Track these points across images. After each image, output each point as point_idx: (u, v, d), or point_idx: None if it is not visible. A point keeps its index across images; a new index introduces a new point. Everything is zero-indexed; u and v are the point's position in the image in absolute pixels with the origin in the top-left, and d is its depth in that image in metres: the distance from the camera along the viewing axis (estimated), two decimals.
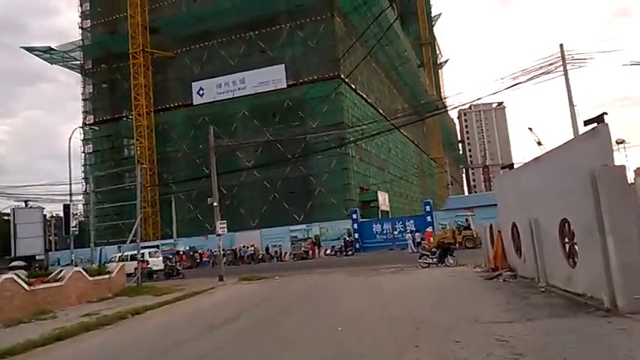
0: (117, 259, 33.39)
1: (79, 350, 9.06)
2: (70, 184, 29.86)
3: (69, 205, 29.74)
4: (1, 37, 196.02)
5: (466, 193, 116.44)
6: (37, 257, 49.70)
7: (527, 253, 12.49)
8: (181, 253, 40.80)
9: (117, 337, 10.16)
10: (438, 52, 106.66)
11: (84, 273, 16.32)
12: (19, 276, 13.62)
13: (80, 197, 53.71)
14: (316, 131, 47.44)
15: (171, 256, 40.84)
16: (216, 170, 50.08)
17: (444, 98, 69.35)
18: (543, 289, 10.96)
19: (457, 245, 29.72)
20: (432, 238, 34.73)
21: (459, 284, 13.56)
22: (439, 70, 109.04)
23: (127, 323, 11.78)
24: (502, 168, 14.70)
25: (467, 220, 33.76)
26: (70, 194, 30.19)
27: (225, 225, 21.92)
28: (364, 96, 53.14)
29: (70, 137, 33.42)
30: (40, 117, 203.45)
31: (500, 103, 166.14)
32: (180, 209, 49.72)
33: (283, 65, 48.89)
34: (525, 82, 17.78)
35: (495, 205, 37.25)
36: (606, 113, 8.44)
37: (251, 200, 48.36)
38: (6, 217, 54.58)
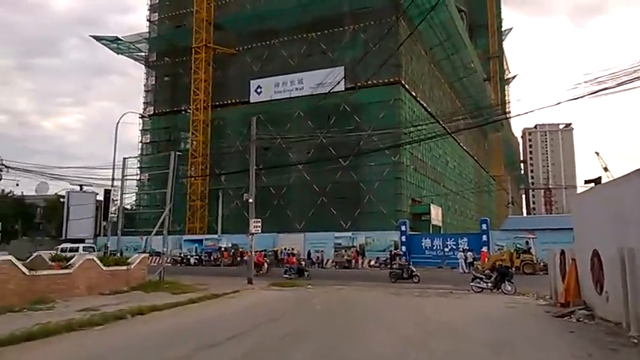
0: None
1: (32, 358, 7.29)
2: (114, 169, 28.80)
3: (110, 190, 28.76)
4: (82, 32, 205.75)
5: (524, 215, 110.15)
6: (85, 241, 49.83)
7: (613, 290, 9.77)
8: (223, 249, 39.39)
9: (92, 343, 8.33)
10: (505, 67, 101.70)
11: (97, 262, 14.82)
12: (19, 259, 12.16)
13: (134, 185, 53.73)
14: (371, 137, 45.28)
15: (211, 252, 39.73)
16: (268, 170, 49.38)
17: (508, 112, 64.90)
18: (636, 340, 8.29)
19: (514, 270, 26.44)
20: (486, 259, 31.66)
21: (522, 320, 10.93)
22: (506, 86, 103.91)
23: (119, 326, 9.98)
24: (586, 182, 12.01)
25: (527, 242, 30.45)
26: (113, 179, 29.16)
27: (260, 224, 20.04)
28: (424, 104, 50.26)
29: (118, 122, 32.25)
30: (110, 107, 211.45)
31: (567, 125, 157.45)
32: (228, 205, 48.58)
33: (343, 68, 46.90)
34: (614, 87, 14.77)
35: (560, 229, 33.89)
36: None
37: (298, 202, 46.59)
38: (62, 200, 55.41)
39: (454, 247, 35.09)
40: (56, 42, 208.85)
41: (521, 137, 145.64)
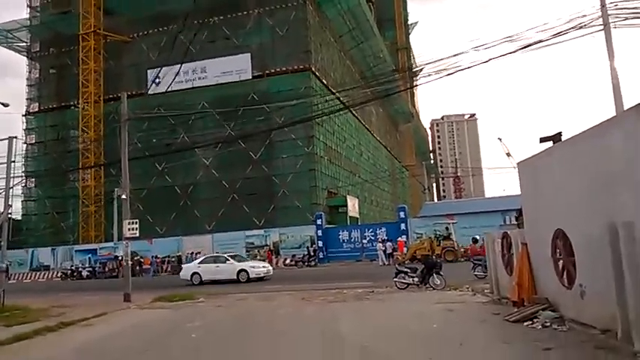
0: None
1: None
2: None
3: None
4: None
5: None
6: None
7: (592, 284, 6.95)
8: (120, 258, 34.11)
9: None
10: (412, 60, 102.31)
11: None
12: None
13: (19, 192, 46.64)
14: (282, 129, 41.81)
15: (106, 262, 34.47)
16: (172, 168, 44.43)
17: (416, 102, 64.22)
18: None
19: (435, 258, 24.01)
20: (405, 249, 29.34)
21: (468, 331, 7.90)
22: (414, 78, 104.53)
23: None
24: (542, 140, 9.13)
25: (447, 228, 28.39)
26: None
27: (137, 226, 15.86)
28: (340, 98, 47.52)
29: None
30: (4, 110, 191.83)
31: (472, 115, 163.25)
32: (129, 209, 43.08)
33: (249, 54, 43.07)
34: (548, 40, 12.32)
35: (479, 212, 32.31)
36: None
37: (207, 201, 42.09)
38: None
39: (373, 238, 32.54)
40: None
41: (430, 128, 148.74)
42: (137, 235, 15.90)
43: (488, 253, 11.93)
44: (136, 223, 15.79)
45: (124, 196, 16.02)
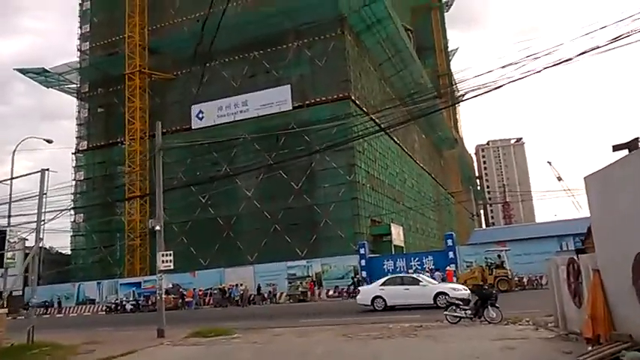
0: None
1: None
2: (10, 205, 23.21)
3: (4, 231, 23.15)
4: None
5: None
6: (12, 293, 43.25)
7: None
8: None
9: None
10: (455, 86, 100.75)
11: None
12: None
13: (68, 227, 47.78)
14: (323, 157, 41.20)
15: (149, 295, 34.25)
16: (215, 200, 44.44)
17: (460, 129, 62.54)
18: None
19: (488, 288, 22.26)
20: (455, 279, 27.63)
21: None
22: (455, 98, 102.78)
23: None
24: (616, 148, 7.87)
25: (499, 256, 26.56)
26: (9, 216, 23.43)
27: (171, 257, 15.26)
28: (376, 120, 46.71)
29: (14, 150, 26.77)
30: (61, 151, 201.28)
31: (518, 139, 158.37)
32: (173, 242, 43.15)
33: (289, 86, 43.03)
34: (605, 45, 11.09)
35: (533, 238, 30.27)
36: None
37: (249, 233, 41.59)
38: None
39: (419, 267, 30.96)
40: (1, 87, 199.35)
41: (475, 154, 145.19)
42: (171, 267, 15.33)
43: (551, 281, 10.56)
44: (170, 255, 15.23)
45: (157, 228, 15.48)
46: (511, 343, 9.04)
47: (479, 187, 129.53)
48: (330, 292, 31.56)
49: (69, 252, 49.57)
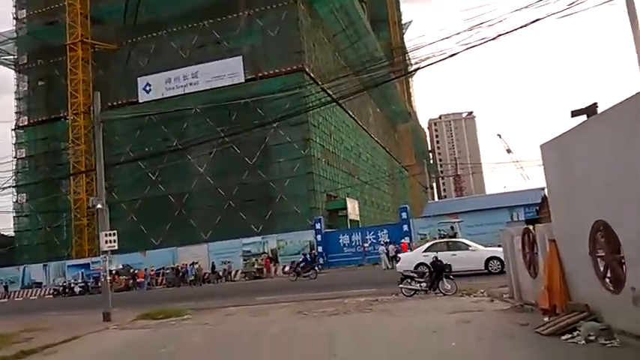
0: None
1: None
2: None
3: None
4: None
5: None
6: None
7: None
8: (112, 272, 32.45)
9: None
10: (408, 60, 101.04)
11: None
12: None
13: (10, 207, 45.32)
14: (277, 131, 40.43)
15: (99, 276, 32.89)
16: (166, 176, 43.00)
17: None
18: None
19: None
20: (409, 251, 27.81)
21: (498, 351, 6.47)
22: (410, 79, 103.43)
23: None
24: (575, 114, 7.63)
25: (452, 227, 26.94)
26: None
27: (115, 237, 14.38)
28: (329, 92, 46.08)
29: None
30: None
31: (470, 113, 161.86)
32: (122, 221, 41.66)
33: (240, 57, 41.71)
34: (562, 11, 10.87)
35: (484, 210, 30.86)
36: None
37: (203, 210, 40.67)
38: None
39: (374, 240, 31.09)
40: None
41: (428, 128, 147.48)
42: (115, 247, 14.47)
43: (506, 252, 10.49)
44: (114, 234, 14.34)
45: (99, 206, 14.49)
46: (467, 316, 8.91)
47: (431, 161, 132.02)
48: (287, 268, 31.23)
49: (12, 234, 47.09)
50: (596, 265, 6.67)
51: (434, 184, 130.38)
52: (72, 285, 34.07)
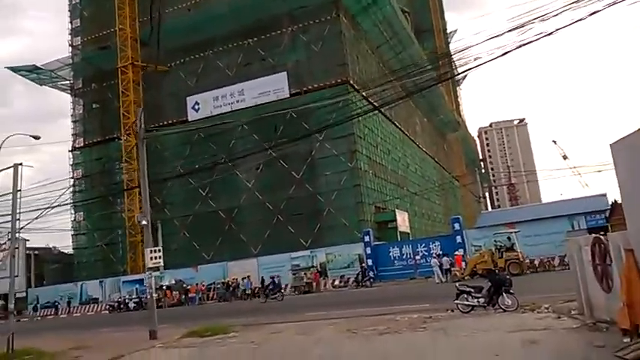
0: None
1: None
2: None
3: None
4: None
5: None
6: (16, 295, 42.63)
7: None
8: (165, 287, 32.91)
9: None
10: (455, 69, 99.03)
11: None
12: None
13: (69, 226, 47.13)
14: (323, 144, 40.22)
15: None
16: (215, 192, 43.53)
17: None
18: None
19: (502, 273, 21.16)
20: (463, 264, 26.67)
21: None
22: (457, 87, 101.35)
23: None
24: None
25: (509, 238, 25.54)
26: None
27: (161, 254, 14.24)
28: (375, 104, 45.37)
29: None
30: (62, 151, 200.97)
31: (521, 120, 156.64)
32: (174, 237, 42.45)
33: (285, 73, 41.87)
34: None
35: (542, 219, 29.22)
36: None
37: (252, 224, 40.77)
38: None
39: (426, 253, 30.04)
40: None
41: (478, 137, 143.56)
42: (161, 264, 14.40)
43: (573, 264, 9.54)
44: (160, 251, 14.25)
45: (144, 222, 14.45)
46: (532, 335, 8.06)
47: (483, 170, 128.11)
48: (336, 282, 30.70)
49: (71, 251, 48.93)
50: None
51: (487, 194, 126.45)
52: (127, 300, 34.77)
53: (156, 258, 13.93)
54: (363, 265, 30.68)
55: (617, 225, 12.86)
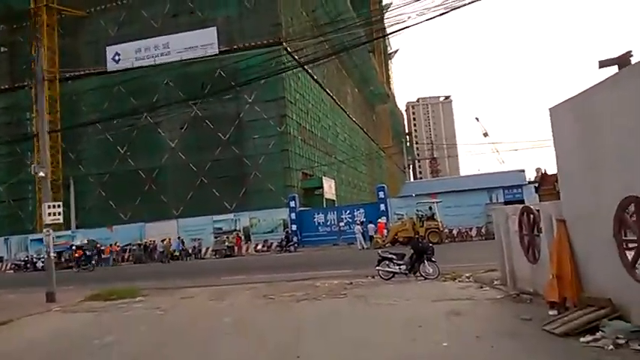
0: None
1: None
2: None
3: None
4: None
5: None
6: None
7: None
8: (75, 248, 30.51)
9: None
10: (387, 42, 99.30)
11: None
12: None
13: None
14: (253, 107, 38.67)
15: (62, 252, 31.02)
16: (135, 150, 40.85)
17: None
18: None
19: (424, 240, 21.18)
20: (385, 231, 26.71)
21: (501, 356, 5.11)
22: (389, 61, 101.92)
23: None
24: (602, 64, 6.27)
25: (430, 208, 25.79)
26: None
27: (60, 210, 12.66)
28: (308, 70, 44.22)
29: None
30: None
31: (447, 97, 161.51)
32: (89, 195, 39.61)
33: (215, 28, 39.43)
34: None
35: (463, 191, 29.80)
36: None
37: (174, 186, 38.66)
38: None
39: (350, 220, 29.83)
40: None
41: (405, 111, 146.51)
42: (60, 221, 12.78)
43: (498, 233, 9.19)
44: (59, 206, 12.62)
45: (41, 174, 12.72)
46: (456, 306, 7.61)
47: (408, 143, 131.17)
48: (259, 247, 29.86)
49: None
50: (622, 250, 5.37)
51: (410, 166, 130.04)
52: (34, 260, 32.01)
53: (55, 214, 12.29)
54: (287, 230, 30.07)
55: (545, 196, 12.76)
